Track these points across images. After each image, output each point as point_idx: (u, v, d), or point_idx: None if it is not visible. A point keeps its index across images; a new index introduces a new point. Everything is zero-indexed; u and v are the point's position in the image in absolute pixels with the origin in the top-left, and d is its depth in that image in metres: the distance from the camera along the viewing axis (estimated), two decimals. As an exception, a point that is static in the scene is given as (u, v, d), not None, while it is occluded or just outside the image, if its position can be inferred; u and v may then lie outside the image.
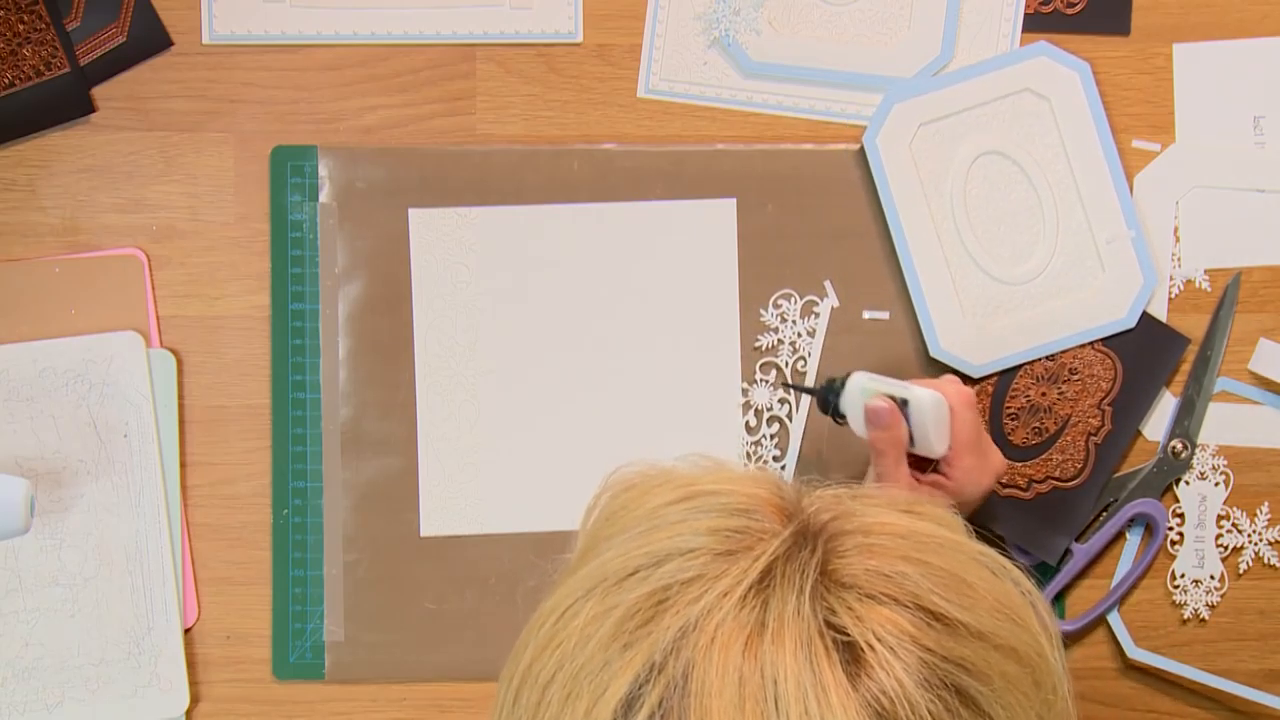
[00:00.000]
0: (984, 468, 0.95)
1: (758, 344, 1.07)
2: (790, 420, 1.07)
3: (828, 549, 0.62)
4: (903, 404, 0.93)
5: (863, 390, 0.95)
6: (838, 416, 0.98)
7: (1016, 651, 0.62)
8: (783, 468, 1.06)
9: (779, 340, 1.07)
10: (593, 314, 1.07)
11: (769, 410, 1.07)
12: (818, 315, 1.07)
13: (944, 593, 0.61)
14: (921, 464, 0.96)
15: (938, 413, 0.93)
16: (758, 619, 0.59)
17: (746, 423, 1.07)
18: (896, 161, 1.06)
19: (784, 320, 1.07)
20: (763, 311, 1.07)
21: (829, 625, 0.59)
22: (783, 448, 1.07)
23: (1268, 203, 1.07)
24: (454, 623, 1.06)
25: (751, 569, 0.61)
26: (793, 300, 1.07)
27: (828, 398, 0.98)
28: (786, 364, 1.07)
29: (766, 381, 1.07)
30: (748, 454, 1.07)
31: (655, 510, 0.66)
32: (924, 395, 0.93)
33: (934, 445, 0.94)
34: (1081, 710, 0.68)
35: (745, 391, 1.07)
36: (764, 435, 1.07)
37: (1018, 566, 0.65)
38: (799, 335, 1.07)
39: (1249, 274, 1.07)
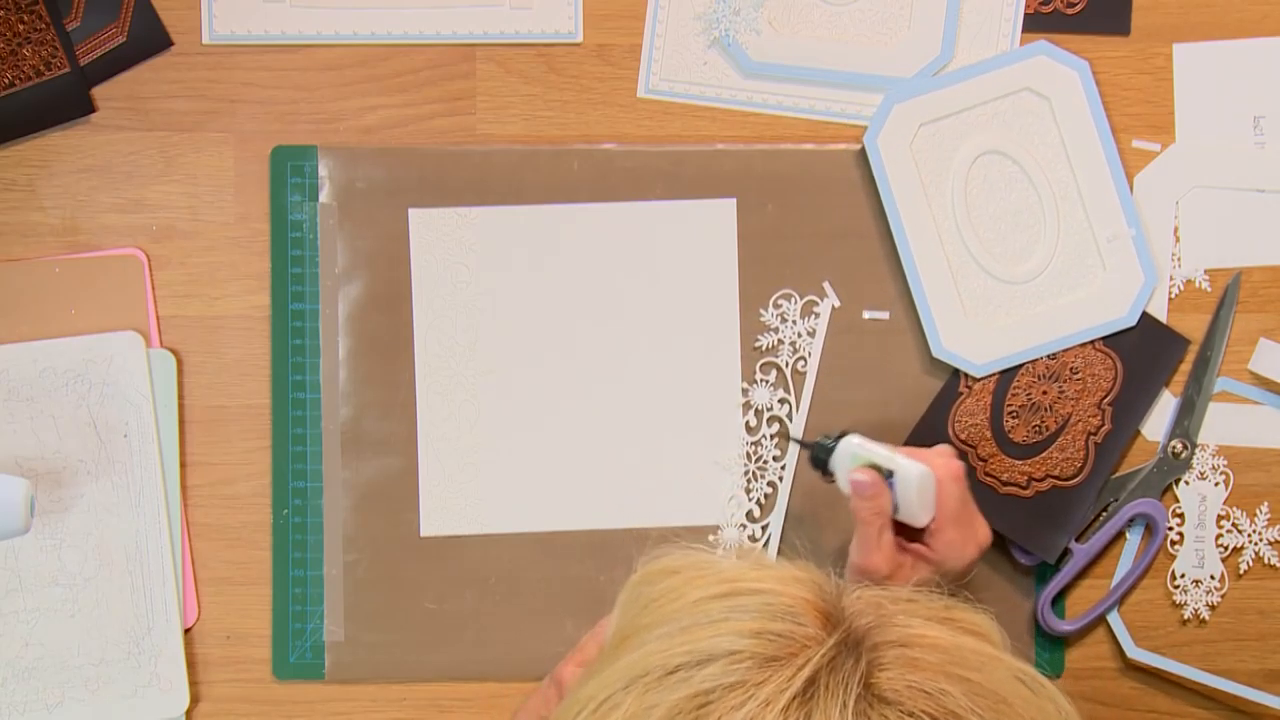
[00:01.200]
0: (968, 540, 0.96)
1: (758, 344, 1.07)
2: (790, 420, 1.07)
3: (870, 660, 0.62)
4: (888, 474, 0.94)
5: (853, 457, 0.96)
6: (826, 474, 0.99)
7: None
8: (782, 468, 1.06)
9: (779, 340, 1.07)
10: (593, 314, 1.07)
11: (769, 410, 1.07)
12: (818, 315, 1.07)
13: (984, 713, 0.61)
14: (908, 530, 0.97)
15: (923, 485, 0.94)
16: None
17: (746, 423, 1.07)
18: (897, 161, 1.06)
19: (784, 320, 1.07)
20: (763, 311, 1.07)
21: None
22: (783, 448, 1.07)
23: (1268, 203, 1.07)
24: (454, 623, 1.06)
25: (795, 678, 0.60)
26: (793, 300, 1.07)
27: (818, 455, 0.98)
28: (786, 364, 1.07)
29: (766, 381, 1.07)
30: (748, 454, 1.07)
31: (697, 604, 0.65)
32: (910, 468, 0.94)
33: (917, 515, 0.95)
34: (1081, 710, 0.68)
35: (745, 391, 1.07)
36: (764, 435, 1.07)
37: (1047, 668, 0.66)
38: (799, 335, 1.07)
39: (1249, 274, 1.07)
